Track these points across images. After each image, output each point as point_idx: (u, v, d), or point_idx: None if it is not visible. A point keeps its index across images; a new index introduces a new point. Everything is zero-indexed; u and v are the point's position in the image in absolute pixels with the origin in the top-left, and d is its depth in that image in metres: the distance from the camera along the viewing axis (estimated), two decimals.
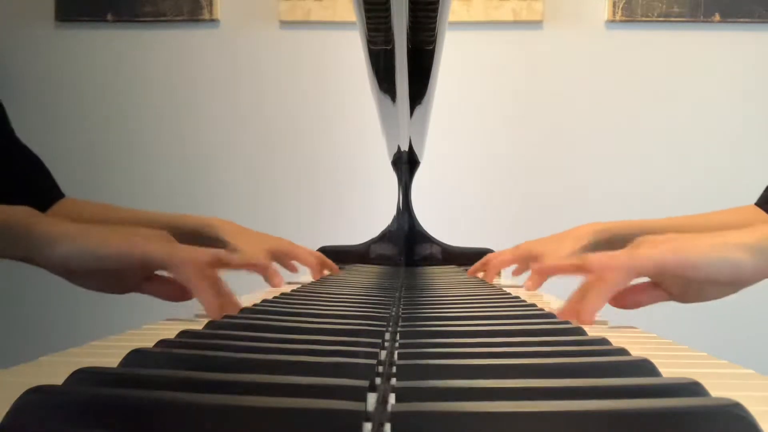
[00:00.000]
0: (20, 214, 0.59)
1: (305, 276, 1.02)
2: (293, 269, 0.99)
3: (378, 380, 0.28)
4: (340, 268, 1.13)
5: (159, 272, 0.61)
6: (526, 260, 0.90)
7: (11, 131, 0.97)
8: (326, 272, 1.02)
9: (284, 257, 0.96)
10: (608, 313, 0.64)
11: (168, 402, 0.21)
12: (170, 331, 0.37)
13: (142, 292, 0.62)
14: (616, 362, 0.30)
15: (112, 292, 0.61)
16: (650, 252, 0.53)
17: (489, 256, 0.97)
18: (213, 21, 1.93)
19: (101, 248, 0.55)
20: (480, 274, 0.96)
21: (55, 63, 1.96)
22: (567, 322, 0.44)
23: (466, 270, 1.10)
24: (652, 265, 0.53)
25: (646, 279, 0.59)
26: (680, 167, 1.88)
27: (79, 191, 1.89)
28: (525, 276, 1.03)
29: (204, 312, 0.57)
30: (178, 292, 0.60)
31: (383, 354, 0.33)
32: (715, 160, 1.88)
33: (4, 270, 1.85)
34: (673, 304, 0.64)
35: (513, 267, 0.98)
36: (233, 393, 0.22)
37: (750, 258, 0.52)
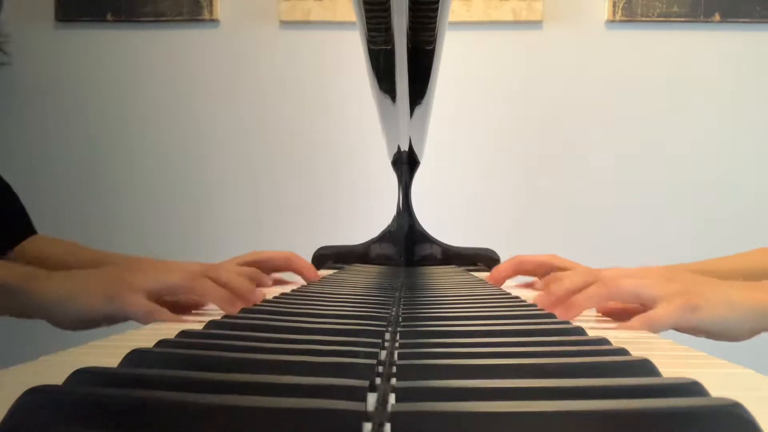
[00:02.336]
0: (17, 278, 0.61)
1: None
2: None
3: (378, 380, 0.28)
4: (339, 269, 1.13)
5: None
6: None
7: None
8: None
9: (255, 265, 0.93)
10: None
11: (168, 402, 0.21)
12: (170, 331, 0.37)
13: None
14: (616, 362, 0.30)
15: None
16: (664, 318, 0.54)
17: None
18: (213, 21, 1.93)
19: (92, 309, 0.58)
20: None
21: (55, 63, 1.96)
22: (567, 322, 0.44)
23: (467, 270, 1.10)
24: (668, 325, 0.55)
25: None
26: (680, 167, 1.88)
27: (79, 191, 1.90)
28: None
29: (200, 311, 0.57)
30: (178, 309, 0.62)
31: (383, 354, 0.33)
32: (715, 160, 1.88)
33: None
34: None
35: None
36: (233, 393, 0.22)
37: (750, 324, 0.56)
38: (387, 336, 0.39)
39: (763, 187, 1.87)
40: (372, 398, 0.25)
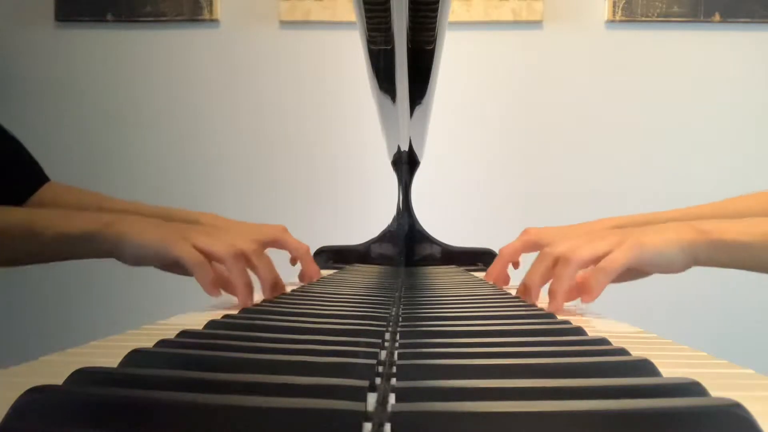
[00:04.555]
0: (94, 224, 0.68)
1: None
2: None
3: (378, 380, 0.28)
4: (339, 269, 1.13)
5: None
6: (535, 248, 0.90)
7: None
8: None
9: (275, 246, 0.96)
10: (608, 312, 0.64)
11: (168, 402, 0.21)
12: (170, 331, 0.37)
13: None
14: (616, 362, 0.30)
15: (183, 274, 0.70)
16: (618, 259, 0.62)
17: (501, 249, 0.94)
18: (213, 21, 1.93)
19: (151, 250, 0.66)
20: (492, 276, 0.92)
21: (55, 63, 1.96)
22: (567, 322, 0.44)
23: (467, 270, 1.10)
24: (623, 269, 0.62)
25: None
26: (680, 167, 1.88)
27: None
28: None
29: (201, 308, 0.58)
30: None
31: (383, 354, 0.33)
32: (715, 160, 1.88)
33: (3, 271, 1.85)
34: (673, 305, 0.67)
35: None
36: (233, 393, 0.22)
37: (684, 258, 0.63)
38: (387, 336, 0.39)
39: (765, 187, 1.87)
40: (372, 398, 0.25)
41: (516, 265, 0.94)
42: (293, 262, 0.94)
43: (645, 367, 0.29)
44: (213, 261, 0.66)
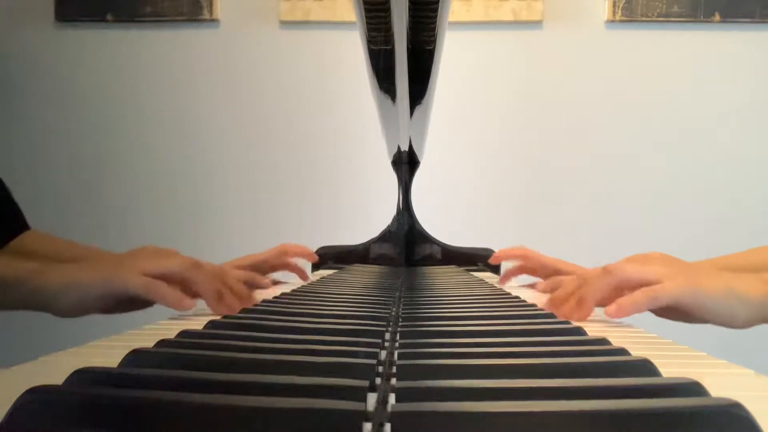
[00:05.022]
0: (22, 272, 0.62)
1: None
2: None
3: (378, 380, 0.28)
4: (339, 269, 1.13)
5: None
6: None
7: None
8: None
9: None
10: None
11: (168, 402, 0.21)
12: (170, 331, 0.37)
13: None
14: (616, 362, 0.30)
15: (136, 309, 0.65)
16: (670, 290, 0.56)
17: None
18: (213, 21, 1.93)
19: (93, 291, 0.59)
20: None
21: (55, 63, 1.96)
22: (567, 322, 0.44)
23: (467, 270, 1.10)
24: (669, 303, 0.56)
25: None
26: (680, 167, 1.88)
27: (80, 190, 1.90)
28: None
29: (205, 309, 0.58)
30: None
31: (383, 354, 0.33)
32: (715, 160, 1.88)
33: None
34: None
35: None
36: (233, 393, 0.22)
37: (746, 312, 0.56)
38: (387, 336, 0.39)
39: (764, 187, 1.87)
40: (372, 398, 0.25)
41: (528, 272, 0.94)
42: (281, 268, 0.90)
43: (645, 367, 0.29)
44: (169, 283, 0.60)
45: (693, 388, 0.24)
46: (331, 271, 1.09)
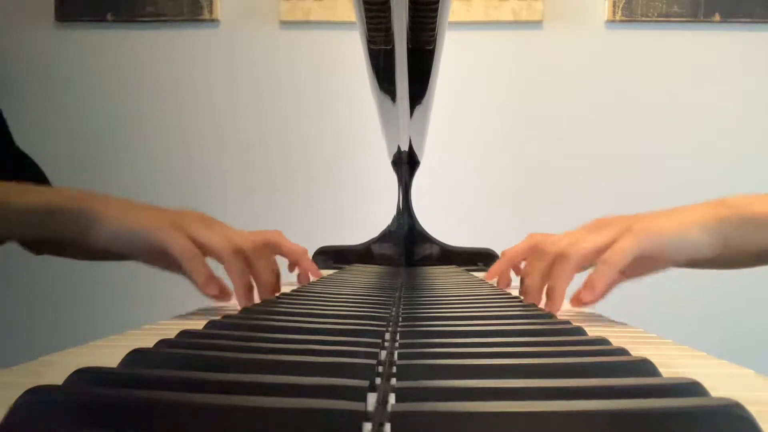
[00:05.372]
0: (67, 193, 0.61)
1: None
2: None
3: (378, 380, 0.28)
4: (339, 269, 1.13)
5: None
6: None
7: (11, 140, 0.95)
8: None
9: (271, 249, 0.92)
10: (608, 311, 0.64)
11: (168, 402, 0.21)
12: (170, 331, 0.37)
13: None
14: (616, 362, 0.30)
15: (156, 267, 0.63)
16: (626, 246, 0.55)
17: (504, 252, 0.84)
18: (213, 21, 1.93)
19: (136, 233, 0.57)
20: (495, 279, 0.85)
21: (55, 63, 1.96)
22: (567, 322, 0.44)
23: (467, 270, 1.10)
24: (631, 257, 0.55)
25: None
26: (680, 167, 1.88)
27: None
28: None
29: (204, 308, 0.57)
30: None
31: (383, 354, 0.33)
32: (714, 161, 1.88)
33: (3, 271, 1.85)
34: (676, 304, 0.64)
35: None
36: (233, 393, 0.22)
37: (708, 239, 0.55)
38: (387, 336, 0.39)
39: (764, 187, 1.87)
40: (372, 398, 0.25)
41: (517, 270, 0.92)
42: (291, 268, 0.87)
43: (645, 367, 0.29)
44: (208, 257, 0.59)
45: (693, 388, 0.24)
46: (331, 271, 1.08)
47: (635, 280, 0.61)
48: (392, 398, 0.24)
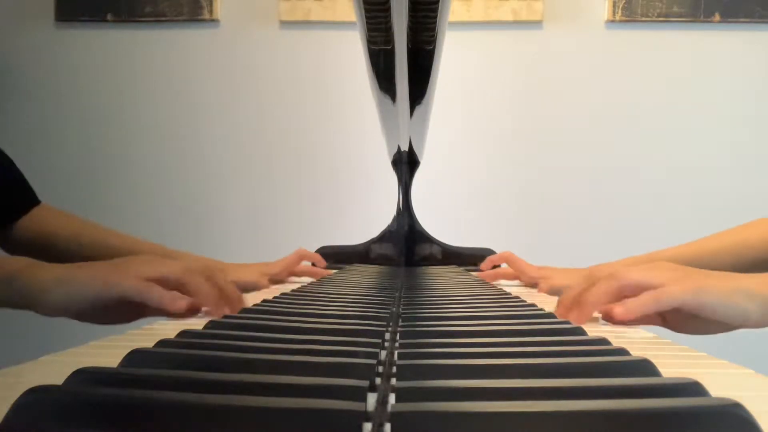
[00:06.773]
0: (16, 265, 0.61)
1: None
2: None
3: (378, 380, 0.28)
4: (339, 269, 1.13)
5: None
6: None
7: None
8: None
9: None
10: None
11: (168, 402, 0.21)
12: (170, 331, 0.37)
13: (148, 315, 0.61)
14: (616, 362, 0.30)
15: (122, 322, 0.62)
16: (674, 291, 0.55)
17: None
18: (213, 21, 1.93)
19: (86, 290, 0.57)
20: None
21: (55, 63, 1.96)
22: (567, 322, 0.44)
23: (467, 270, 1.10)
24: (674, 304, 0.55)
25: None
26: (680, 167, 1.88)
27: (79, 190, 1.90)
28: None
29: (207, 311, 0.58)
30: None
31: (383, 354, 0.33)
32: (714, 161, 1.88)
33: None
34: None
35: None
36: (233, 393, 0.22)
37: (758, 309, 0.55)
38: (387, 336, 0.39)
39: (763, 187, 1.87)
40: (372, 398, 0.25)
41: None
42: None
43: (645, 367, 0.29)
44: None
45: (693, 388, 0.24)
46: (331, 271, 1.08)
47: (678, 331, 0.61)
48: (392, 398, 0.24)
